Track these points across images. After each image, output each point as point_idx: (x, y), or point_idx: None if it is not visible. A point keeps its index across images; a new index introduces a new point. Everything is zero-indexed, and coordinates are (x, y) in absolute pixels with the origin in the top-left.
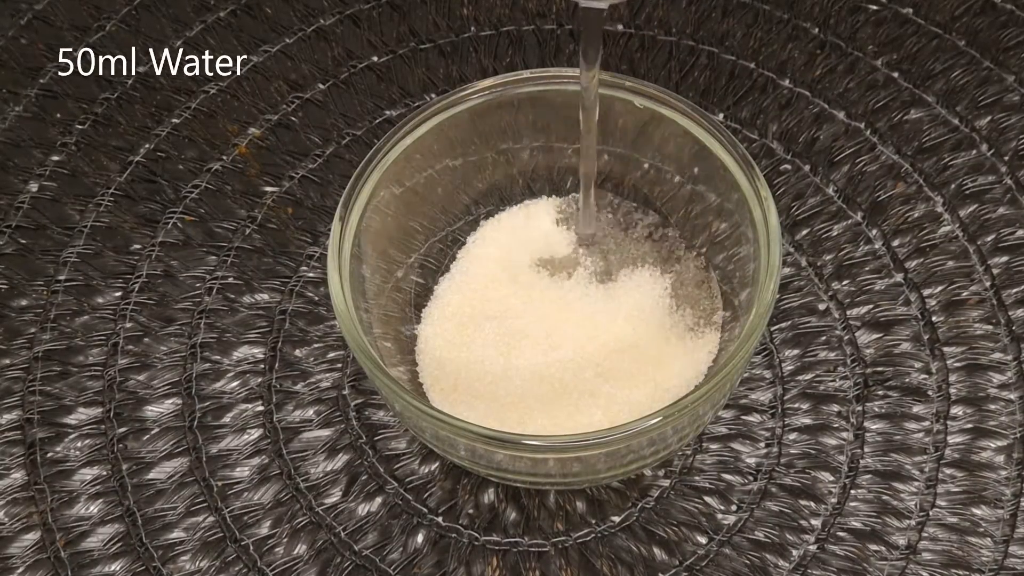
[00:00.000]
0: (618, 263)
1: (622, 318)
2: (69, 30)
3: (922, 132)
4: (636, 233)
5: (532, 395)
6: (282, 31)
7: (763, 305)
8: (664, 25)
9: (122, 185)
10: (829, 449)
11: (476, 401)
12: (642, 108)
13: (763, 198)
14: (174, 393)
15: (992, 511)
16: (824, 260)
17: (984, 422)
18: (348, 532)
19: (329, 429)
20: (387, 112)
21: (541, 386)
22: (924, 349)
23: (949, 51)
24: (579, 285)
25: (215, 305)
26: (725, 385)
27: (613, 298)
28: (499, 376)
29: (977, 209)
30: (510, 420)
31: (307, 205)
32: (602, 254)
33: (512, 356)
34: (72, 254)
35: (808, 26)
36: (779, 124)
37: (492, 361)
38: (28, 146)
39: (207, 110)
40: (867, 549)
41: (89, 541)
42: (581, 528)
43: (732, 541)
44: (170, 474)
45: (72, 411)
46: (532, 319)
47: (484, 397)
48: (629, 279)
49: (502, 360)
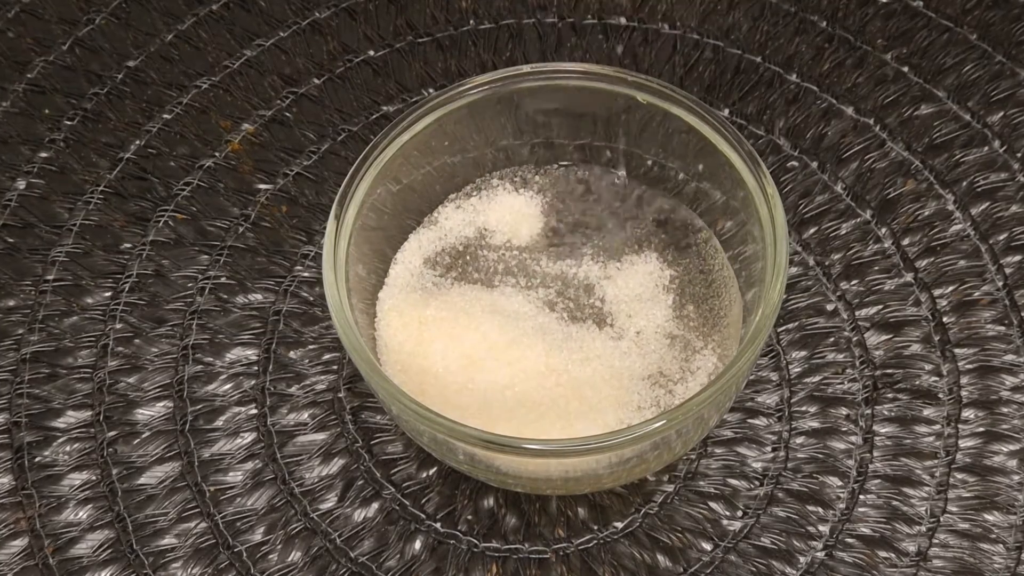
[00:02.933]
0: (617, 252)
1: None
2: (58, 23)
3: (933, 128)
4: (639, 225)
5: (531, 401)
6: (276, 24)
7: (770, 305)
8: (668, 18)
9: (112, 182)
10: (837, 453)
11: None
12: (646, 103)
13: (770, 196)
14: (165, 396)
15: (1004, 517)
16: (832, 259)
17: (996, 426)
18: (344, 538)
19: (324, 433)
20: (384, 107)
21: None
22: (935, 351)
23: (960, 45)
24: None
25: (207, 306)
26: (730, 387)
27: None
28: (500, 385)
29: (989, 207)
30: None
31: (302, 203)
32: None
33: (481, 370)
34: (61, 253)
35: (816, 19)
36: (786, 120)
37: (490, 371)
38: (15, 142)
39: (199, 105)
40: (876, 556)
41: (78, 548)
42: (583, 534)
43: (738, 548)
44: (161, 479)
45: (61, 414)
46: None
47: (485, 403)
48: (630, 275)
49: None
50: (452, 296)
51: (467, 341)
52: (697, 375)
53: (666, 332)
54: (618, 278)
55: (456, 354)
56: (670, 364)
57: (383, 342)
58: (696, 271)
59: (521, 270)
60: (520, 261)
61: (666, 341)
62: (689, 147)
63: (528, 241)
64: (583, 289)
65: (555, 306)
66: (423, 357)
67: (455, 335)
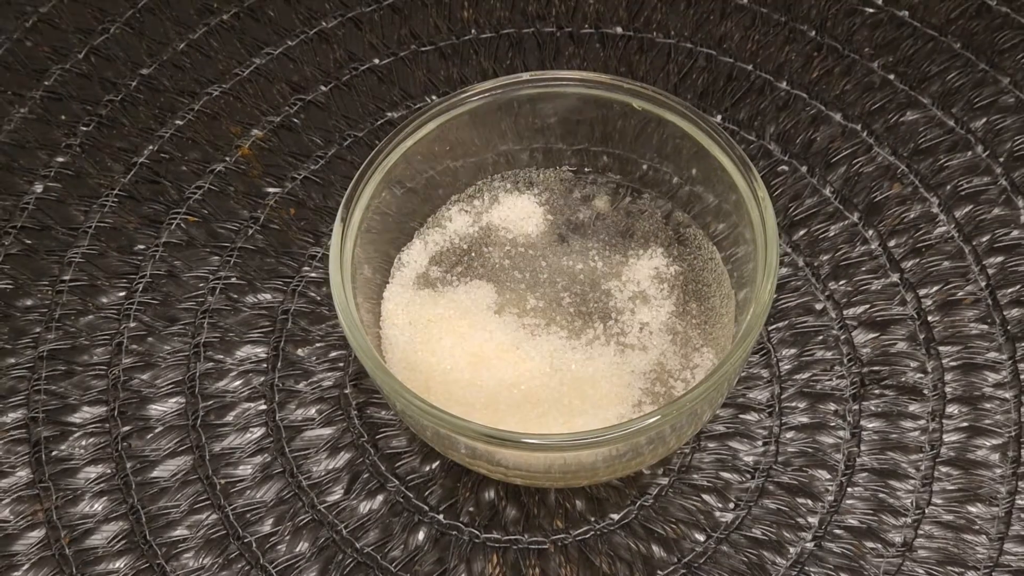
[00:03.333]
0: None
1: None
2: (74, 33)
3: (918, 134)
4: (641, 225)
5: (538, 398)
6: (284, 33)
7: (761, 305)
8: (663, 28)
9: (126, 186)
10: (826, 447)
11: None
12: (640, 110)
13: (760, 199)
14: (177, 392)
15: (987, 509)
16: (821, 260)
17: (979, 421)
18: (350, 530)
19: (331, 428)
20: (388, 114)
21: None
22: (920, 348)
23: (945, 53)
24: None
25: (218, 305)
26: (723, 384)
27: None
28: (506, 383)
29: (973, 210)
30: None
31: (309, 206)
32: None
33: (487, 368)
34: (77, 254)
35: (805, 28)
36: (776, 126)
37: (496, 367)
38: (33, 148)
39: (210, 112)
40: (864, 546)
41: (93, 539)
42: (581, 526)
43: (730, 539)
44: (173, 472)
45: (76, 410)
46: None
47: (494, 398)
48: (632, 272)
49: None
50: (457, 295)
51: (473, 340)
52: (696, 372)
53: (668, 328)
54: (621, 275)
55: (461, 352)
56: (671, 360)
57: (388, 340)
58: (695, 270)
59: (526, 268)
60: (524, 260)
61: (668, 337)
62: (683, 152)
63: (531, 240)
64: (588, 286)
65: (559, 303)
66: (428, 355)
67: (460, 333)
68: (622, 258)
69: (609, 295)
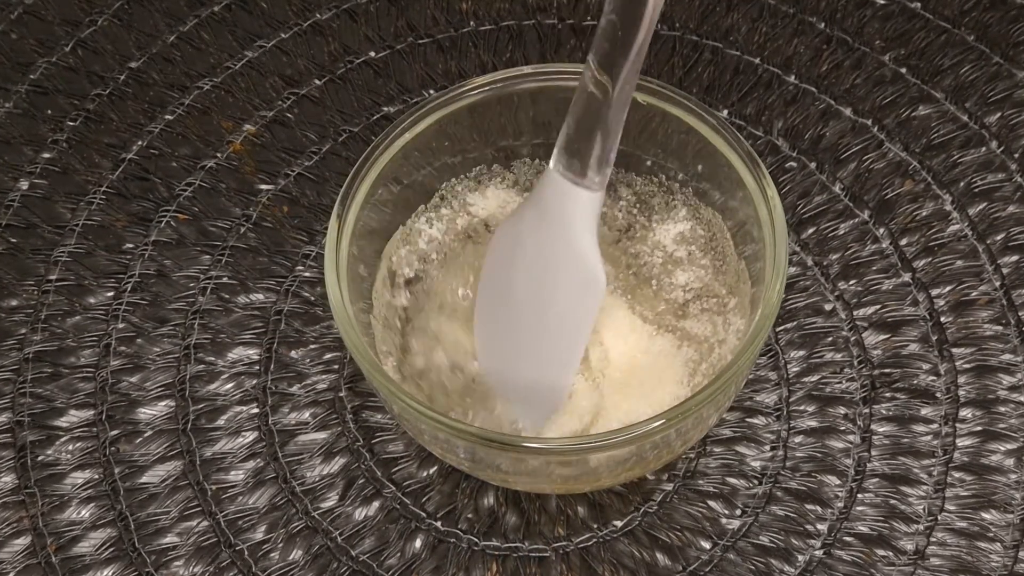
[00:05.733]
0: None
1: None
2: (60, 25)
3: (930, 129)
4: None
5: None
6: (277, 25)
7: (769, 305)
8: (668, 20)
9: (114, 183)
10: (836, 452)
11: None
12: (646, 104)
13: (769, 196)
14: (167, 395)
15: (1002, 515)
16: (830, 259)
17: (993, 425)
18: (345, 537)
19: (325, 432)
20: (385, 108)
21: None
22: (932, 350)
23: (958, 46)
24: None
25: (209, 305)
26: (730, 387)
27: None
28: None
29: (986, 207)
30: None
31: (303, 203)
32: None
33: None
34: (63, 253)
35: (814, 20)
36: (785, 120)
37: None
38: (19, 143)
39: (201, 106)
40: (874, 554)
41: (81, 546)
42: (583, 533)
43: (737, 546)
44: (163, 478)
45: (63, 413)
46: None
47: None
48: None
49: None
50: (455, 290)
51: (470, 339)
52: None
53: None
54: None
55: (461, 351)
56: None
57: (384, 341)
58: (715, 234)
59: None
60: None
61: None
62: (688, 148)
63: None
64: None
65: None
66: (427, 354)
67: (460, 331)
68: (651, 223)
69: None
